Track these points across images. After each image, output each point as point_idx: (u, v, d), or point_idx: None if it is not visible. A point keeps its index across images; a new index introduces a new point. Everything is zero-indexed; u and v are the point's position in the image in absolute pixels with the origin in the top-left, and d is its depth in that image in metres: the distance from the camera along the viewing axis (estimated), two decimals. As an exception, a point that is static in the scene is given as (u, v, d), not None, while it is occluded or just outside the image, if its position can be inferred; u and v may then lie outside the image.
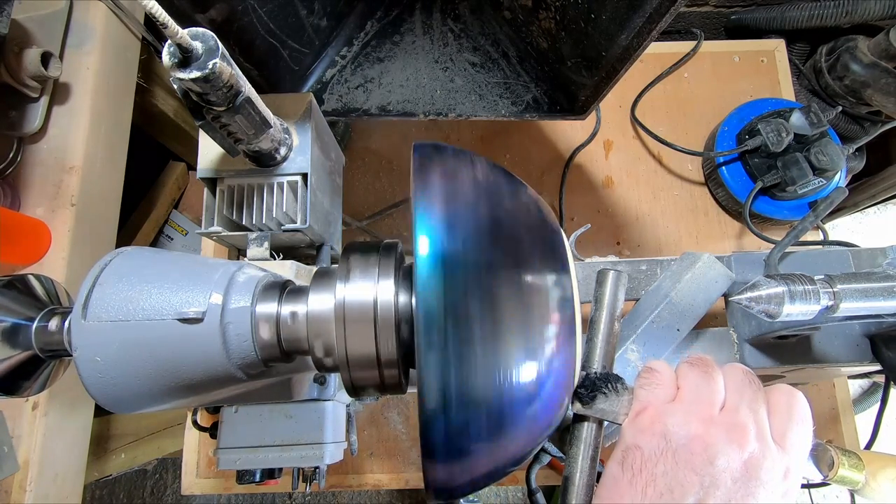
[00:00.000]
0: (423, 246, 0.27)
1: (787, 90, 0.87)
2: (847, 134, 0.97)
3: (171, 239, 1.22)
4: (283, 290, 0.35)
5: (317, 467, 0.51)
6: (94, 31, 0.75)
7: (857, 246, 0.55)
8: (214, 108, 0.36)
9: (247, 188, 0.48)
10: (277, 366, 0.36)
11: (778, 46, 0.89)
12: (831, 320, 0.43)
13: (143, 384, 0.32)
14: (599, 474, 0.33)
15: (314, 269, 0.49)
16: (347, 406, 0.56)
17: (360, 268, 0.32)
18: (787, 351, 0.53)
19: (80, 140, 0.72)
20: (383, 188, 0.85)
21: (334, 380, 0.50)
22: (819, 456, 0.39)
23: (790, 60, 0.90)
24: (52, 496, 0.68)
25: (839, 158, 0.73)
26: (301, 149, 0.48)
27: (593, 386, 0.34)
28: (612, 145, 0.86)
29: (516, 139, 0.87)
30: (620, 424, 0.33)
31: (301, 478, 0.52)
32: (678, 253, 0.55)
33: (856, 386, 1.41)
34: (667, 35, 0.94)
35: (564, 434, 0.35)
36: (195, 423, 0.56)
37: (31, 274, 0.38)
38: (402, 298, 0.31)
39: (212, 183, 0.49)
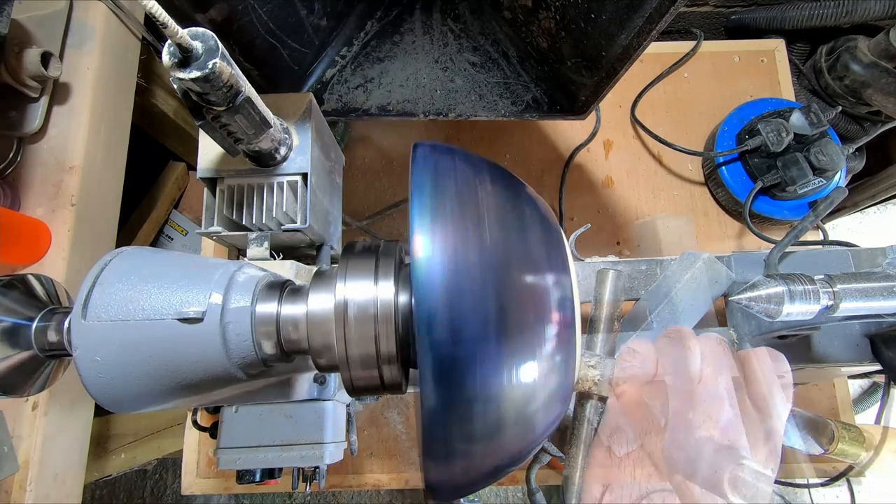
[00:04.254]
0: (420, 246, 0.27)
1: (787, 90, 0.87)
2: (847, 134, 0.97)
3: (171, 239, 1.22)
4: (283, 289, 0.35)
5: (317, 467, 0.51)
6: (94, 31, 0.75)
7: (857, 246, 0.55)
8: (214, 108, 0.36)
9: (247, 188, 0.48)
10: (277, 366, 0.36)
11: (778, 46, 0.89)
12: (831, 320, 0.43)
13: (143, 384, 0.32)
14: None
15: (314, 269, 0.49)
16: (347, 406, 0.56)
17: (360, 268, 0.32)
18: (786, 351, 0.52)
19: (80, 140, 0.72)
20: (383, 188, 0.85)
21: (334, 380, 0.50)
22: (819, 430, 0.38)
23: (790, 60, 0.90)
24: (52, 496, 0.67)
25: (839, 158, 0.73)
26: (301, 149, 0.48)
27: None
28: (612, 145, 0.86)
29: (516, 139, 0.87)
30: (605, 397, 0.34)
31: (301, 478, 0.52)
32: (678, 253, 0.55)
33: (856, 386, 1.41)
34: (667, 35, 0.94)
35: (564, 434, 0.35)
36: (195, 423, 0.56)
37: (31, 274, 0.38)
38: (402, 298, 0.31)
39: (212, 183, 0.49)
